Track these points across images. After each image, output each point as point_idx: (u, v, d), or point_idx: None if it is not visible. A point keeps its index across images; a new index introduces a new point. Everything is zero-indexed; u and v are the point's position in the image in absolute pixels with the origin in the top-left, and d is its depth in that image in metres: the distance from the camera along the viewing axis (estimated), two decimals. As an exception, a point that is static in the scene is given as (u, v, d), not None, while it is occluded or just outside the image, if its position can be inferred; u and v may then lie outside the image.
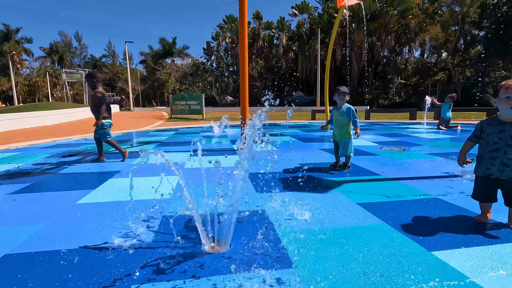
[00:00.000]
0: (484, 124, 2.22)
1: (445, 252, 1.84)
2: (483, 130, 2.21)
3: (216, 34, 45.61)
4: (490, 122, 2.19)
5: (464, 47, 34.43)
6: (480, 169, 2.23)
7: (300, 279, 1.58)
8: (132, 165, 4.63)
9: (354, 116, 3.99)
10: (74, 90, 52.27)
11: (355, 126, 4.01)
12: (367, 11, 32.33)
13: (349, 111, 4.02)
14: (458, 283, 1.53)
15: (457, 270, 1.64)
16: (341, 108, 4.07)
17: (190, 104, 18.00)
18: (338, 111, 4.10)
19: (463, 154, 2.34)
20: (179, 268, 1.70)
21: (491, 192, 2.21)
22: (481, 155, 2.22)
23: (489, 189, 2.21)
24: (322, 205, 2.70)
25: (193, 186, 3.03)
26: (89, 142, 7.59)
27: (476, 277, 1.57)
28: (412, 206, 2.67)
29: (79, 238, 2.11)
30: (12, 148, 6.66)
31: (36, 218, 2.49)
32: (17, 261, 1.81)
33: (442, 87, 32.42)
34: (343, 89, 4.07)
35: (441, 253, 1.83)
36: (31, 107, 20.28)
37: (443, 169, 4.04)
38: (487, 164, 2.17)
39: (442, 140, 7.14)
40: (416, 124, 11.86)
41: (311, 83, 38.74)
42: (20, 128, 11.92)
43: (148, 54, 53.96)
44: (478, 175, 2.27)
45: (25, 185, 3.51)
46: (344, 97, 4.04)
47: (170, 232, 2.17)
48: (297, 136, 8.28)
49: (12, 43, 44.62)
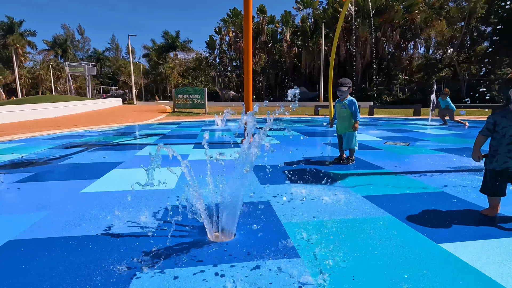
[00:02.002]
0: (498, 117, 2.14)
1: (453, 245, 1.81)
2: (497, 124, 2.13)
3: (219, 28, 45.29)
4: (504, 114, 2.11)
5: (470, 43, 33.97)
6: (497, 163, 2.15)
7: (305, 268, 1.56)
8: (135, 156, 4.63)
9: (356, 109, 3.95)
10: (77, 84, 52.33)
11: (354, 119, 3.95)
12: (372, 6, 31.93)
13: (351, 103, 3.98)
14: (467, 275, 1.51)
15: (466, 263, 1.61)
16: (344, 100, 4.02)
17: (193, 98, 17.96)
18: (341, 104, 4.05)
19: (478, 149, 2.25)
20: (183, 256, 1.69)
21: (503, 186, 2.17)
22: (496, 149, 2.15)
23: (502, 183, 2.16)
24: (327, 198, 2.68)
25: (197, 177, 3.02)
26: (92, 134, 7.60)
27: (485, 270, 1.55)
28: (418, 199, 2.64)
29: (83, 225, 2.10)
30: (15, 139, 6.67)
31: (40, 206, 2.49)
32: (21, 247, 1.80)
33: (447, 84, 32.11)
34: (344, 85, 3.97)
35: (449, 245, 1.80)
36: (34, 99, 20.31)
37: (448, 164, 4.00)
38: (504, 157, 2.11)
39: (447, 135, 7.07)
40: (421, 120, 11.76)
41: (315, 78, 38.47)
42: (23, 120, 11.95)
43: (151, 48, 53.74)
44: (493, 169, 2.18)
45: (29, 174, 3.52)
46: (346, 91, 3.98)
47: (175, 222, 2.15)
48: (300, 130, 8.24)
49: (16, 35, 44.62)
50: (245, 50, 5.64)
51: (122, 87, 52.07)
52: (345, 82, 3.98)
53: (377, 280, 1.46)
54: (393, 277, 1.48)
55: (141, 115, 15.77)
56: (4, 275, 1.52)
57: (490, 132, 2.20)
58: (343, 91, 3.95)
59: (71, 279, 1.47)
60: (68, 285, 1.42)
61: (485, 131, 2.22)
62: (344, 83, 3.96)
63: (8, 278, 1.49)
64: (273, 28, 42.82)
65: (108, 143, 6.04)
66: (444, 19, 31.89)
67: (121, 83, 53.13)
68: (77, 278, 1.48)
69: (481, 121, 11.29)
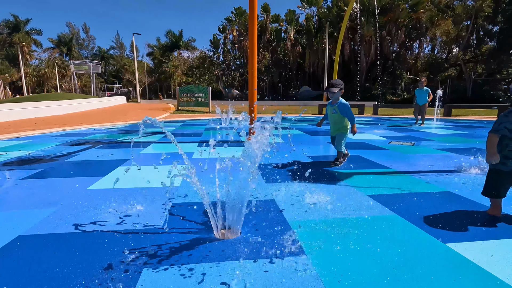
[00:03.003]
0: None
1: (459, 244, 1.80)
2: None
3: (223, 27, 45.27)
4: None
5: (476, 42, 33.59)
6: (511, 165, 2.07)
7: (311, 267, 1.56)
8: (140, 154, 4.66)
9: (350, 113, 3.74)
10: (82, 82, 52.67)
11: (351, 123, 3.76)
12: (377, 4, 31.70)
13: (343, 109, 3.73)
14: (474, 274, 1.50)
15: (472, 262, 1.61)
16: (335, 104, 3.77)
17: (196, 96, 18.00)
18: (332, 107, 3.82)
19: (495, 150, 2.09)
20: (189, 253, 1.70)
21: (508, 187, 2.16)
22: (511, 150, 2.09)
23: (510, 185, 2.14)
24: (332, 196, 2.68)
25: (203, 174, 3.04)
26: (97, 132, 7.66)
27: (493, 269, 1.54)
28: (424, 199, 2.63)
29: (91, 221, 2.12)
30: (22, 136, 6.75)
31: (48, 202, 2.52)
32: (30, 242, 1.83)
33: (452, 84, 31.81)
34: (335, 86, 3.69)
35: (455, 245, 1.80)
36: (40, 97, 20.51)
37: (454, 163, 3.97)
38: None
39: (452, 135, 7.01)
40: (426, 120, 11.67)
41: (319, 77, 38.33)
42: (29, 117, 12.07)
43: (155, 46, 53.91)
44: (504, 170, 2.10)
45: (36, 171, 3.56)
46: (337, 93, 3.72)
47: (181, 218, 2.17)
48: (304, 129, 8.23)
49: (22, 34, 45.00)
50: (250, 48, 5.64)
51: (126, 85, 52.29)
52: (336, 83, 3.75)
53: (383, 278, 1.46)
54: (399, 276, 1.49)
55: (145, 113, 15.85)
56: (14, 268, 1.54)
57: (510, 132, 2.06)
58: (334, 92, 3.70)
59: (79, 274, 1.49)
60: (76, 280, 1.44)
61: (504, 130, 2.06)
62: (335, 84, 3.73)
63: (18, 271, 1.52)
64: (277, 26, 42.69)
65: (113, 141, 6.08)
66: (450, 18, 31.58)
67: (125, 81, 53.37)
68: (84, 272, 1.50)
69: (489, 121, 11.18)
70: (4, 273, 1.51)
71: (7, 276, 1.48)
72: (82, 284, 1.41)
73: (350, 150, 5.01)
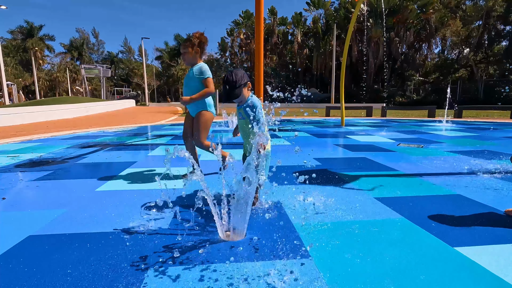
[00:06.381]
0: None
1: (469, 249, 1.76)
2: None
3: (231, 30, 45.62)
4: None
5: (488, 43, 32.94)
6: None
7: (317, 269, 1.55)
8: (148, 156, 4.72)
9: (259, 116, 2.22)
10: (92, 85, 53.73)
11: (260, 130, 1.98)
12: (385, 6, 31.47)
13: (252, 109, 2.25)
14: (484, 280, 1.47)
15: (482, 267, 1.57)
16: (241, 105, 2.33)
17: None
18: (238, 110, 2.38)
19: None
20: (194, 254, 1.71)
21: None
22: None
23: None
24: (338, 198, 2.66)
25: (209, 176, 3.05)
26: (106, 134, 7.79)
27: (505, 275, 1.50)
28: (433, 201, 2.58)
29: (99, 222, 2.16)
30: (34, 139, 6.91)
31: (58, 203, 2.57)
32: (41, 242, 1.87)
33: (463, 85, 31.24)
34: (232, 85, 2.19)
35: (465, 249, 1.76)
36: (52, 101, 20.99)
37: (464, 166, 3.89)
38: None
39: (462, 137, 6.88)
40: (435, 122, 11.48)
41: (326, 80, 38.19)
42: (41, 120, 12.36)
43: (163, 50, 54.69)
44: None
45: (47, 173, 3.64)
46: (239, 90, 2.22)
47: (186, 220, 2.19)
48: (311, 131, 8.19)
49: (35, 39, 46.31)
50: (257, 51, 5.67)
51: (135, 89, 53.11)
52: (233, 79, 2.20)
53: (390, 283, 1.44)
54: (406, 280, 1.46)
55: (154, 116, 16.04)
56: (25, 268, 1.58)
57: None
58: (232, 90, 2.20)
59: (87, 274, 1.52)
60: (85, 280, 1.47)
61: None
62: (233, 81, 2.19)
63: (28, 271, 1.55)
64: (284, 29, 42.79)
65: (122, 143, 6.17)
66: (460, 18, 31.09)
67: (134, 85, 54.23)
68: (94, 273, 1.53)
69: (501, 123, 10.93)
70: (14, 272, 1.54)
71: (17, 276, 1.52)
72: (90, 284, 1.44)
73: (358, 152, 4.98)
